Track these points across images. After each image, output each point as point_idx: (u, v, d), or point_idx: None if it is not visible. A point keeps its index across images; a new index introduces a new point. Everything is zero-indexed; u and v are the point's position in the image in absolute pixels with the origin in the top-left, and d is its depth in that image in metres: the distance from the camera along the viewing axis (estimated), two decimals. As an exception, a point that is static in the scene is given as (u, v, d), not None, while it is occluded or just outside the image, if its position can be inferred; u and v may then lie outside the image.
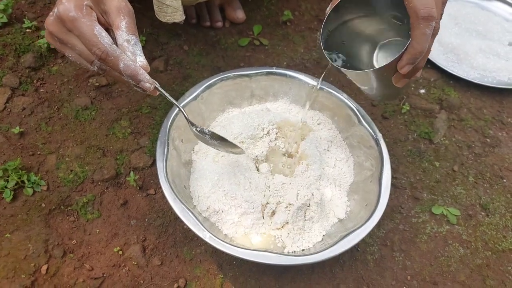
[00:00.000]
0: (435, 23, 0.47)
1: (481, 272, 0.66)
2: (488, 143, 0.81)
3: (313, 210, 0.61)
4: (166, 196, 0.56)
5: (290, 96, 0.74)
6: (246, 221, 0.60)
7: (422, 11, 0.46)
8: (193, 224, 0.54)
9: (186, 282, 0.61)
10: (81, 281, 0.59)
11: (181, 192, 0.58)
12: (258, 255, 0.53)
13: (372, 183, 0.62)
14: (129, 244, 0.63)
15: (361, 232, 0.56)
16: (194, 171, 0.65)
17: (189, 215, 0.55)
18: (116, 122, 0.75)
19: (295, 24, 0.96)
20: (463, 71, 0.91)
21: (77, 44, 0.49)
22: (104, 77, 0.47)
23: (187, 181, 0.64)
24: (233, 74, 0.71)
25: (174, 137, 0.63)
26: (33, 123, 0.73)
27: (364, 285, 0.63)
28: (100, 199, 0.67)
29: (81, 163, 0.69)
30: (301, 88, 0.73)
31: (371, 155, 0.65)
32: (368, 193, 0.62)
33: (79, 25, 0.48)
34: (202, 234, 0.53)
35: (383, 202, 0.59)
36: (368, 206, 0.60)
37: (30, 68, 0.79)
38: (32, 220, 0.63)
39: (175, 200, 0.56)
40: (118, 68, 0.49)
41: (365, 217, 0.58)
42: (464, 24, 0.99)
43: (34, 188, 0.65)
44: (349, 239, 0.55)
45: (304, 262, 0.54)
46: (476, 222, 0.71)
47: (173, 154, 0.62)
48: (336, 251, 0.55)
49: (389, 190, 0.60)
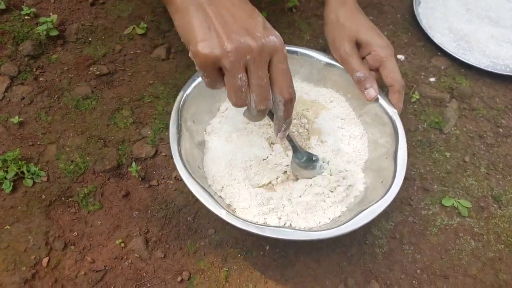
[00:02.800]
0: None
1: (493, 265, 0.64)
2: (501, 133, 0.79)
3: (336, 185, 0.60)
4: (181, 174, 0.54)
5: (301, 75, 0.72)
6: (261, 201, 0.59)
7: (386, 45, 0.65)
8: (208, 201, 0.53)
9: (190, 275, 0.59)
10: (82, 274, 0.58)
11: (195, 172, 0.57)
12: (274, 231, 0.52)
13: (387, 160, 0.61)
14: (132, 236, 0.62)
15: (377, 207, 0.55)
16: (208, 152, 0.64)
17: (204, 193, 0.53)
18: (117, 112, 0.73)
19: (301, 10, 0.94)
20: (475, 59, 0.88)
21: (267, 76, 0.46)
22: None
23: (201, 162, 0.63)
24: None
25: (186, 118, 0.62)
26: (33, 112, 0.71)
27: (372, 279, 0.62)
28: (101, 190, 0.65)
29: (82, 154, 0.68)
30: (313, 66, 0.70)
31: (386, 132, 0.64)
32: (384, 170, 0.61)
33: (287, 62, 0.47)
34: (218, 212, 0.52)
35: (399, 178, 0.57)
36: (384, 183, 0.59)
37: (29, 56, 0.77)
38: (32, 211, 0.61)
39: (188, 178, 0.54)
40: (292, 112, 0.50)
41: (381, 193, 0.57)
42: (475, 11, 0.96)
43: (34, 179, 0.64)
44: (366, 214, 0.54)
45: (321, 237, 0.53)
46: (488, 214, 0.69)
47: (186, 135, 0.61)
48: (353, 226, 0.53)
49: (405, 166, 0.59)
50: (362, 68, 0.64)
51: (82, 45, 0.81)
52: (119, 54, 0.80)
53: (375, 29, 0.67)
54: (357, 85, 0.65)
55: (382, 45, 0.64)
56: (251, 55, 0.43)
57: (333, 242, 0.64)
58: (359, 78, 0.63)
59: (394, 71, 0.63)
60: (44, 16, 0.80)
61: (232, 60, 0.43)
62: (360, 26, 0.66)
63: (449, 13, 0.95)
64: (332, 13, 0.69)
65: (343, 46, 0.65)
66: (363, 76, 0.63)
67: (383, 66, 0.64)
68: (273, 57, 0.45)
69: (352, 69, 0.64)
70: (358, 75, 0.63)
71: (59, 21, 0.82)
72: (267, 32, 0.45)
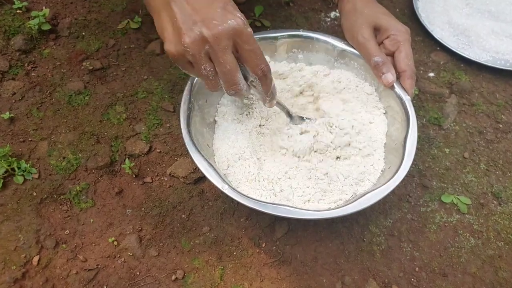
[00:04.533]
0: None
1: (493, 263, 0.63)
2: (501, 128, 0.78)
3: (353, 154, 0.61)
4: (188, 148, 0.54)
5: (316, 59, 0.71)
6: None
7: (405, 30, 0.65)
8: (211, 175, 0.53)
9: (184, 274, 0.58)
10: (74, 273, 0.56)
11: (204, 150, 0.57)
12: (276, 208, 0.52)
13: (396, 146, 0.61)
14: (125, 234, 0.60)
15: (382, 190, 0.54)
16: (217, 131, 0.64)
17: (209, 168, 0.53)
18: (110, 107, 0.72)
19: (298, 4, 0.92)
20: (475, 54, 0.87)
21: (232, 61, 0.47)
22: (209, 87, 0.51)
23: (210, 141, 0.63)
24: (258, 37, 0.67)
25: (198, 97, 0.61)
26: (24, 108, 0.69)
27: (370, 277, 0.60)
28: (94, 188, 0.64)
29: (74, 150, 0.66)
30: (328, 51, 0.69)
31: (398, 118, 0.63)
32: (392, 155, 0.61)
33: (254, 40, 0.47)
34: (221, 186, 0.52)
35: (406, 164, 0.56)
36: (391, 168, 0.58)
37: (20, 51, 0.75)
38: (23, 209, 0.60)
39: (194, 152, 0.54)
40: (270, 85, 0.51)
41: (388, 177, 0.56)
42: (475, 5, 0.95)
43: (25, 176, 0.62)
44: (370, 196, 0.53)
45: (324, 217, 0.53)
46: (488, 211, 0.68)
47: (197, 113, 0.61)
48: (356, 208, 0.53)
49: (413, 153, 0.58)
50: (379, 53, 0.63)
51: (75, 40, 0.79)
52: (113, 49, 0.79)
53: (392, 16, 0.68)
54: (374, 70, 0.64)
55: (401, 30, 0.64)
56: (208, 45, 0.45)
57: (330, 238, 0.63)
58: (377, 62, 0.63)
59: (409, 57, 0.63)
60: (36, 10, 0.78)
61: (192, 54, 0.45)
62: (379, 13, 0.67)
63: (448, 7, 0.94)
64: (349, 3, 0.69)
65: (361, 31, 0.65)
66: (381, 60, 0.63)
67: (399, 50, 0.63)
68: (236, 39, 0.46)
69: (369, 54, 0.63)
70: (376, 59, 0.63)
71: (51, 15, 0.80)
72: (226, 17, 0.45)
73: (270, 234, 0.63)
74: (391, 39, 0.64)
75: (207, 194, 0.65)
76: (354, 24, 0.66)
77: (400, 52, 0.63)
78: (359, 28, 0.65)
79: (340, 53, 0.69)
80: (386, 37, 0.65)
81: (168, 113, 0.72)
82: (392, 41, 0.64)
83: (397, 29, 0.64)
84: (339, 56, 0.69)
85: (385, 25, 0.65)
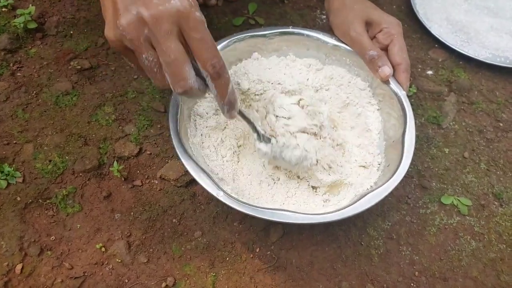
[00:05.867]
0: None
1: (495, 266, 0.61)
2: (501, 127, 0.76)
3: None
4: (179, 155, 0.52)
5: (308, 56, 0.69)
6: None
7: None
8: (205, 181, 0.51)
9: (175, 281, 0.56)
10: (59, 281, 0.54)
11: (195, 152, 0.56)
12: (274, 214, 0.50)
13: (394, 143, 0.59)
14: (113, 240, 0.58)
15: (381, 191, 0.53)
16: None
17: (202, 174, 0.52)
18: (99, 108, 0.69)
19: (293, 2, 0.90)
20: (474, 51, 0.85)
21: (177, 49, 0.40)
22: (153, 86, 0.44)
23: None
24: (247, 35, 0.65)
25: (187, 100, 0.60)
26: (9, 109, 0.67)
27: (368, 282, 0.58)
28: (81, 192, 0.61)
29: (60, 153, 0.64)
30: (320, 48, 0.68)
31: (394, 114, 0.62)
32: (391, 153, 0.59)
33: (205, 28, 0.40)
34: (216, 193, 0.50)
35: (405, 162, 0.55)
36: (390, 167, 0.57)
37: (5, 51, 0.73)
38: (6, 215, 0.58)
39: (186, 159, 0.52)
40: (227, 89, 0.42)
41: (387, 176, 0.55)
42: (474, 1, 0.93)
43: (9, 180, 0.60)
44: (369, 197, 0.52)
45: (323, 220, 0.51)
46: (489, 212, 0.66)
47: (186, 117, 0.60)
48: (356, 210, 0.51)
49: (412, 149, 0.56)
50: (374, 47, 0.62)
51: (63, 39, 0.77)
52: (102, 48, 0.77)
53: (383, 11, 0.67)
54: (370, 65, 0.63)
55: (393, 23, 0.64)
56: (147, 28, 0.38)
57: (326, 242, 0.61)
58: (372, 56, 0.61)
59: (403, 50, 0.62)
60: (23, 8, 0.76)
61: (129, 39, 0.38)
62: (369, 7, 0.66)
63: (447, 3, 0.92)
64: (336, 1, 0.68)
65: (353, 26, 0.64)
66: (376, 54, 0.61)
67: (393, 43, 0.63)
68: (181, 25, 0.39)
69: (364, 48, 0.62)
70: (371, 53, 0.61)
71: (38, 13, 0.78)
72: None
73: (264, 238, 0.60)
74: (384, 32, 0.63)
75: (199, 197, 0.63)
76: (344, 20, 0.65)
77: (394, 45, 0.62)
78: (350, 24, 0.64)
79: (332, 49, 0.67)
80: (378, 31, 0.64)
81: (159, 114, 0.70)
82: (385, 34, 0.63)
83: (389, 22, 0.64)
84: (331, 53, 0.67)
85: (377, 19, 0.64)
